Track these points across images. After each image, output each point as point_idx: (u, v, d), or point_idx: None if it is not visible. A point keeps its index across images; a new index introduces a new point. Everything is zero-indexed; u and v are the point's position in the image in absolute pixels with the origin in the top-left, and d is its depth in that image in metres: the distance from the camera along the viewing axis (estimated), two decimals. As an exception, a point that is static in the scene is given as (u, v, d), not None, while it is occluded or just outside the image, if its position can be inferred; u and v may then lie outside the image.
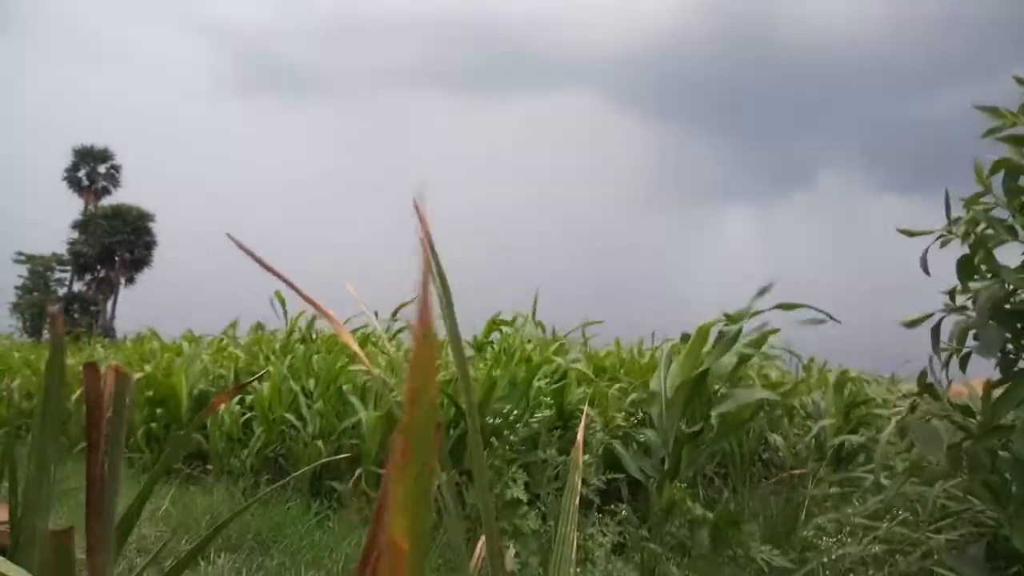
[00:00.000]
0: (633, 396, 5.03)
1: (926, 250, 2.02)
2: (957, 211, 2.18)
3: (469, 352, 5.84)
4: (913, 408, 2.13)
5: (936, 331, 2.06)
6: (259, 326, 8.25)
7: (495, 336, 6.44)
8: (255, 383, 5.97)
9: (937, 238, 2.01)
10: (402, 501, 0.28)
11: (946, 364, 2.11)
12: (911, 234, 2.03)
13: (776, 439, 5.72)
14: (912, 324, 2.11)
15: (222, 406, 5.68)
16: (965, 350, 2.07)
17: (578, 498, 0.85)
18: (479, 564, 0.63)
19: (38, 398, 1.21)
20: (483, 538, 0.60)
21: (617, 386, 5.44)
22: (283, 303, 7.76)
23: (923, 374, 2.17)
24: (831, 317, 3.53)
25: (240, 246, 0.47)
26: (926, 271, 2.04)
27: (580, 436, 0.95)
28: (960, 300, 2.07)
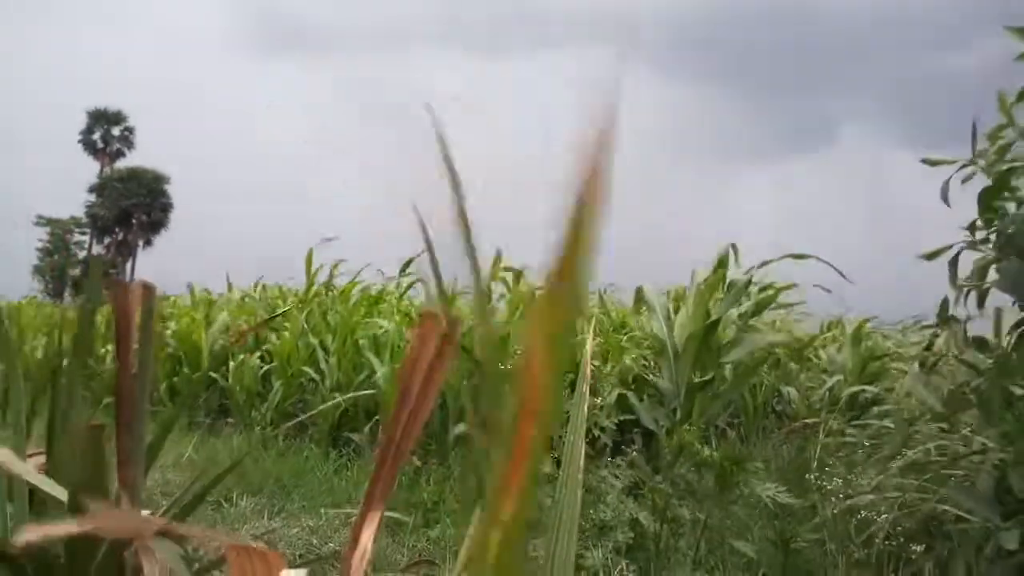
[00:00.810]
0: (643, 346, 5.05)
1: (947, 180, 1.98)
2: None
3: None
4: (930, 344, 2.12)
5: (954, 263, 2.04)
6: (259, 283, 8.29)
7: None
8: (273, 332, 6.09)
9: (960, 167, 1.97)
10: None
11: (965, 297, 2.08)
12: (934, 163, 1.99)
13: (790, 392, 5.73)
14: (931, 256, 2.08)
15: (241, 358, 5.79)
16: (985, 286, 2.04)
17: (587, 404, 0.86)
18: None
19: (69, 346, 1.22)
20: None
21: (628, 336, 5.46)
22: (309, 264, 7.74)
23: (944, 304, 2.14)
24: (838, 271, 3.52)
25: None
26: (946, 201, 2.00)
27: (588, 346, 0.96)
28: (980, 234, 2.03)
